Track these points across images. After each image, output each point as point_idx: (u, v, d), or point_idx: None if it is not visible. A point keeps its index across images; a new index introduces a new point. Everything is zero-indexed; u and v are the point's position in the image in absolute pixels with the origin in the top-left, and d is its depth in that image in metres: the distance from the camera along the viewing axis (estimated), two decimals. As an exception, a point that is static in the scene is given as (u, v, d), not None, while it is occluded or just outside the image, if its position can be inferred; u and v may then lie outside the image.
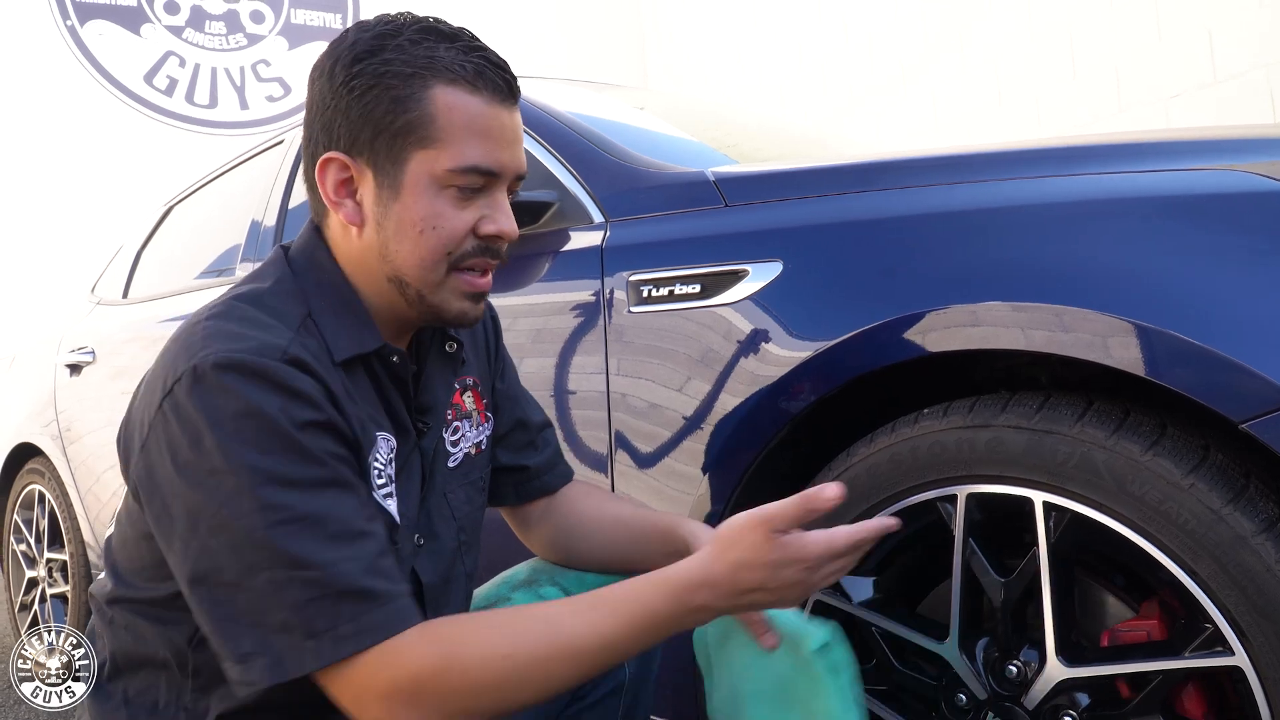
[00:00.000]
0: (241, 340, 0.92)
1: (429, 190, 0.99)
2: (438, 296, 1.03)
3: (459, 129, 0.98)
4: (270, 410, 0.88)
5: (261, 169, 2.78)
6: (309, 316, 1.00)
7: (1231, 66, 3.86)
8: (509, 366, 1.33)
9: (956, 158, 1.32)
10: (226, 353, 0.89)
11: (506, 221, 1.03)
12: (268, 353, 0.91)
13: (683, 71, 7.19)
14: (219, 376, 0.88)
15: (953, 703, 1.20)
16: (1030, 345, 1.10)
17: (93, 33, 6.05)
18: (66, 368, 3.21)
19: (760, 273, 1.36)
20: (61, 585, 3.22)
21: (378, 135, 0.99)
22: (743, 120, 2.67)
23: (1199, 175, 1.09)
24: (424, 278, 1.02)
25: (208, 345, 0.91)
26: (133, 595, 1.02)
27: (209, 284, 2.77)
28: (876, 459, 1.24)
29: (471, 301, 1.04)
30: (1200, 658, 1.01)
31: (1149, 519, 1.02)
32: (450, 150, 0.98)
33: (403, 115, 0.98)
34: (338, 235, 1.05)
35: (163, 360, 0.96)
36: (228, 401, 0.88)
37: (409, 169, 0.99)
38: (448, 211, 1.00)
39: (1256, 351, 0.95)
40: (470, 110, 0.99)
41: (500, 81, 1.01)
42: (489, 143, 1.00)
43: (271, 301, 1.00)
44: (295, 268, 1.05)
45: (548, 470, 1.31)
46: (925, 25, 5.23)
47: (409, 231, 1.00)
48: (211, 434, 0.88)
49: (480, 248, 1.02)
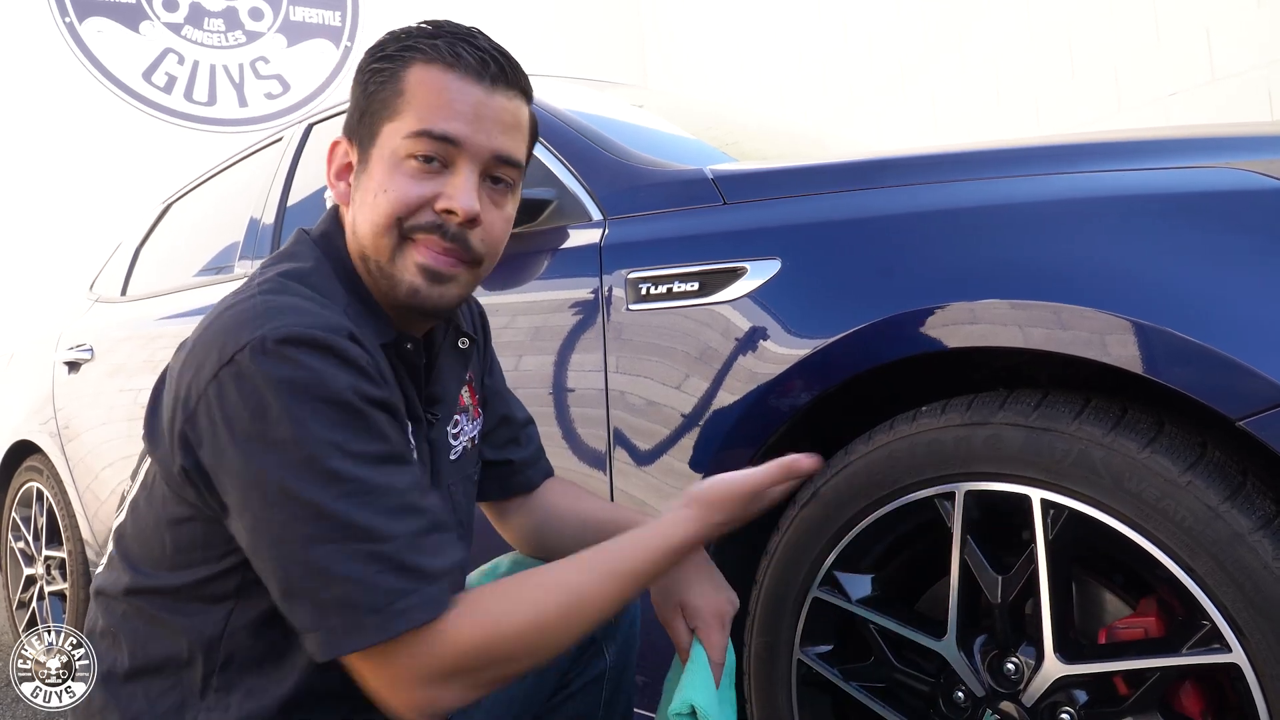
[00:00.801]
0: (306, 315, 0.92)
1: (390, 160, 1.00)
2: (391, 268, 1.02)
3: (422, 98, 0.99)
4: (338, 385, 0.89)
5: (260, 166, 2.78)
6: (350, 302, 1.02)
7: (1230, 65, 3.86)
8: (496, 363, 1.35)
9: (955, 155, 1.32)
10: (293, 326, 0.90)
11: (464, 199, 1.00)
12: (334, 329, 0.91)
13: (682, 70, 7.19)
14: (286, 349, 0.88)
15: (950, 700, 1.20)
16: (1028, 343, 1.10)
17: (91, 29, 6.04)
18: (65, 365, 3.20)
19: (759, 270, 1.36)
20: (60, 583, 3.22)
21: (363, 115, 1.03)
22: (741, 119, 2.67)
23: (1197, 173, 1.09)
24: (377, 244, 1.01)
25: (271, 318, 0.91)
26: (152, 585, 1.00)
27: (207, 281, 2.77)
28: (875, 456, 1.24)
29: (426, 279, 1.02)
30: (1198, 655, 1.01)
31: (1146, 516, 1.02)
32: (410, 116, 0.99)
33: (380, 93, 1.01)
34: (347, 222, 1.07)
35: (212, 333, 0.93)
36: (296, 373, 0.88)
37: (379, 141, 1.01)
38: (402, 181, 1.00)
39: (1254, 349, 0.95)
40: (438, 83, 1.00)
41: (479, 60, 1.00)
42: (449, 111, 0.99)
43: (318, 282, 1.01)
44: (324, 252, 1.06)
45: (530, 466, 1.34)
46: (925, 25, 5.23)
47: (368, 199, 1.01)
48: (279, 403, 0.87)
49: (433, 223, 1.01)
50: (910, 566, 1.32)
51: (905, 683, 1.25)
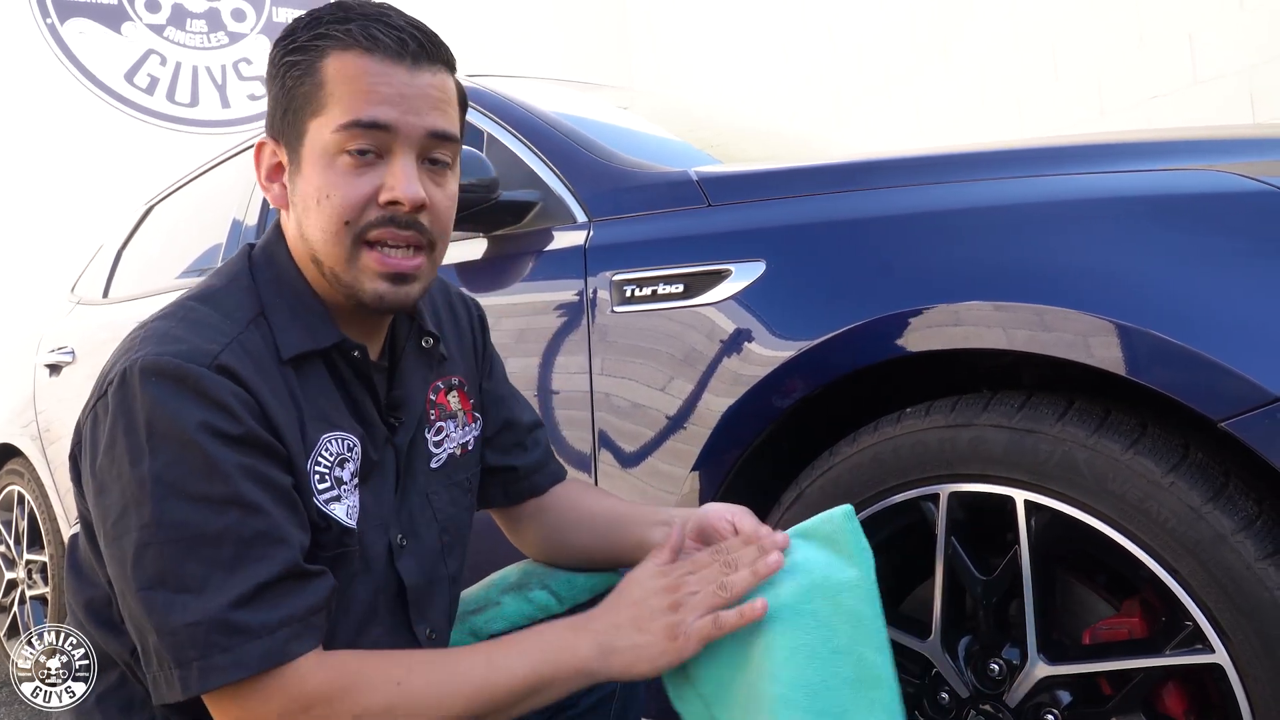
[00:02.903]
0: (174, 343, 0.90)
1: (323, 159, 0.96)
2: (350, 275, 0.98)
3: (344, 88, 0.95)
4: (184, 419, 0.86)
5: (243, 167, 2.76)
6: (261, 314, 0.98)
7: (1212, 69, 3.89)
8: (497, 365, 1.31)
9: (939, 158, 1.33)
10: (154, 356, 0.88)
11: (408, 186, 0.96)
12: (196, 358, 0.89)
13: (668, 72, 7.19)
14: (145, 380, 0.87)
15: (935, 701, 1.20)
16: (1012, 345, 1.10)
17: (73, 31, 6.00)
18: (46, 368, 3.18)
19: (743, 272, 1.36)
20: (41, 587, 3.20)
21: (285, 113, 0.99)
22: (727, 121, 2.67)
23: (1179, 175, 1.10)
24: (331, 253, 0.97)
25: (142, 347, 0.90)
26: (90, 596, 1.01)
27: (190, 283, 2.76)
28: (859, 458, 1.24)
29: (389, 283, 0.98)
30: (1181, 655, 1.02)
31: (1130, 517, 1.03)
32: (335, 110, 0.95)
33: (300, 88, 0.97)
34: (288, 226, 1.04)
35: (109, 359, 0.95)
36: (144, 407, 0.87)
37: (306, 139, 0.97)
38: (339, 180, 0.96)
39: (1236, 351, 0.96)
40: (357, 69, 0.95)
41: (397, 40, 0.96)
42: (374, 96, 0.95)
43: (223, 299, 0.98)
44: (255, 264, 1.03)
45: (536, 470, 1.29)
46: (911, 28, 5.25)
47: (310, 204, 0.97)
48: (124, 439, 0.87)
49: (383, 218, 0.97)
50: (894, 568, 1.32)
51: (890, 684, 1.25)
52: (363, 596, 1.02)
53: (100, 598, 0.99)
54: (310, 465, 0.97)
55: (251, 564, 0.87)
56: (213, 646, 0.85)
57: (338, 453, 1.00)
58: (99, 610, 1.00)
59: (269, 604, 0.87)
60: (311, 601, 0.91)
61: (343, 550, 0.99)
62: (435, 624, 1.12)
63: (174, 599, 0.85)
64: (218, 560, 0.86)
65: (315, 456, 0.97)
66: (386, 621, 1.06)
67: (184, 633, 0.85)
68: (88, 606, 1.01)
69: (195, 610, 0.85)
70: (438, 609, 1.13)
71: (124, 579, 0.88)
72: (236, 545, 0.87)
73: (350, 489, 1.01)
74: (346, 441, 1.01)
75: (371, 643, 1.03)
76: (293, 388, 0.97)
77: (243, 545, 0.87)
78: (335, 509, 0.98)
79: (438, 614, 1.13)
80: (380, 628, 1.05)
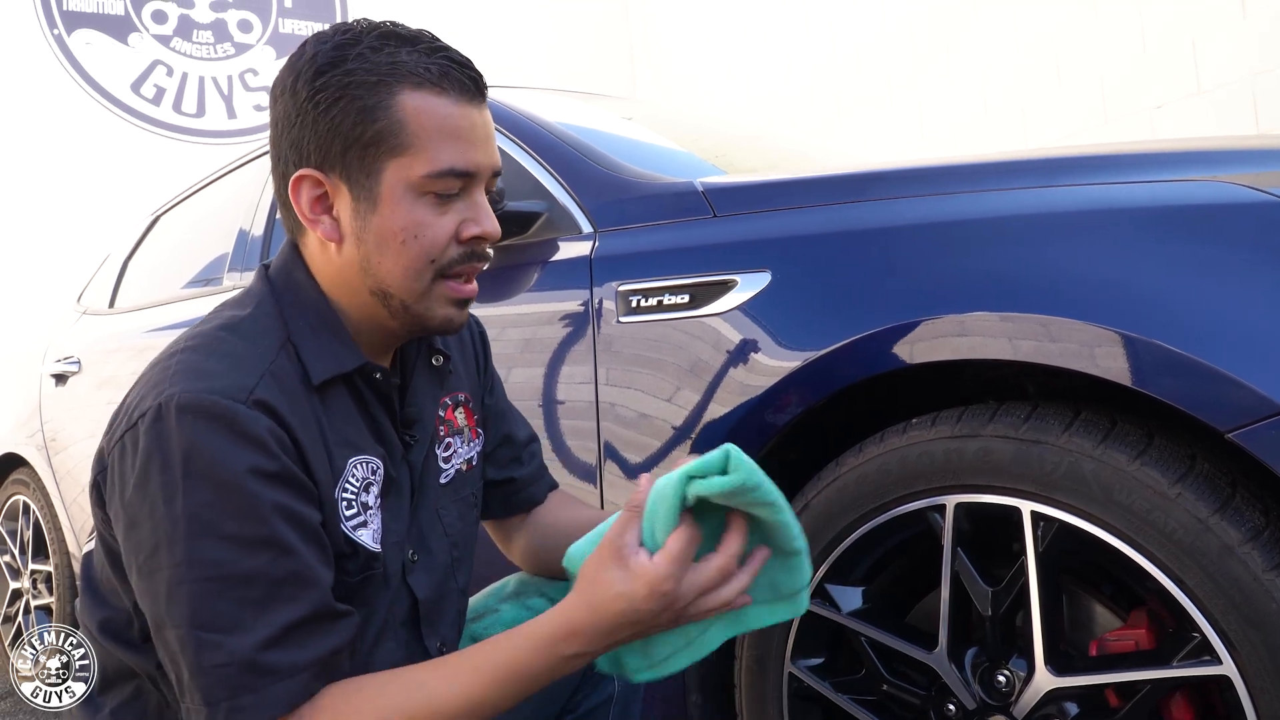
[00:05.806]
0: (209, 379, 0.90)
1: (406, 198, 0.97)
2: (422, 305, 1.01)
3: (430, 133, 0.96)
4: (223, 459, 0.87)
5: (249, 178, 2.77)
6: (288, 340, 0.99)
7: (1216, 77, 3.89)
8: (497, 382, 1.33)
9: (944, 169, 1.33)
10: (192, 393, 0.88)
11: (488, 221, 1.01)
12: (233, 394, 0.89)
13: (671, 82, 7.20)
14: (179, 417, 0.87)
15: (942, 713, 1.20)
16: (1018, 355, 1.11)
17: (80, 41, 6.03)
18: (52, 377, 3.19)
19: (749, 283, 1.36)
20: (46, 597, 3.20)
21: (349, 148, 0.97)
22: (731, 131, 2.67)
23: (1185, 186, 1.10)
24: (409, 288, 1.00)
25: (176, 382, 0.90)
26: (108, 615, 1.01)
27: (196, 294, 2.76)
28: (865, 469, 1.24)
29: (457, 308, 1.03)
30: (1188, 667, 1.01)
31: (1136, 528, 1.03)
32: (424, 155, 0.96)
33: (372, 125, 0.96)
34: (315, 252, 1.03)
35: (137, 389, 0.95)
36: (180, 446, 0.87)
37: (384, 179, 0.97)
38: (428, 219, 0.98)
39: (1242, 361, 0.96)
40: (440, 113, 0.97)
41: (466, 80, 0.98)
42: (462, 143, 0.98)
43: (250, 328, 0.99)
44: (275, 289, 1.03)
45: (533, 482, 1.31)
46: (912, 37, 5.26)
47: (391, 243, 0.98)
48: (159, 476, 0.87)
49: (466, 253, 1.01)
50: (901, 579, 1.32)
51: (896, 695, 1.25)
52: (378, 612, 1.03)
53: (120, 619, 0.99)
54: (338, 492, 0.97)
55: (282, 605, 0.88)
56: (241, 688, 0.86)
57: (363, 477, 1.01)
58: (118, 630, 1.00)
59: (296, 645, 0.88)
60: (336, 643, 0.92)
61: (369, 574, 1.00)
62: (445, 636, 1.13)
63: (205, 639, 0.86)
64: (248, 600, 0.87)
65: (342, 483, 0.98)
66: (400, 635, 1.06)
67: (213, 674, 0.86)
68: (103, 625, 1.01)
69: (225, 651, 0.86)
70: (448, 621, 1.14)
71: (158, 614, 0.89)
72: (267, 586, 0.88)
73: (375, 512, 1.02)
74: (370, 464, 1.02)
75: (385, 655, 1.03)
76: (319, 414, 0.98)
77: (273, 586, 0.88)
78: (362, 535, 0.99)
79: (448, 627, 1.14)
80: (393, 641, 1.05)
